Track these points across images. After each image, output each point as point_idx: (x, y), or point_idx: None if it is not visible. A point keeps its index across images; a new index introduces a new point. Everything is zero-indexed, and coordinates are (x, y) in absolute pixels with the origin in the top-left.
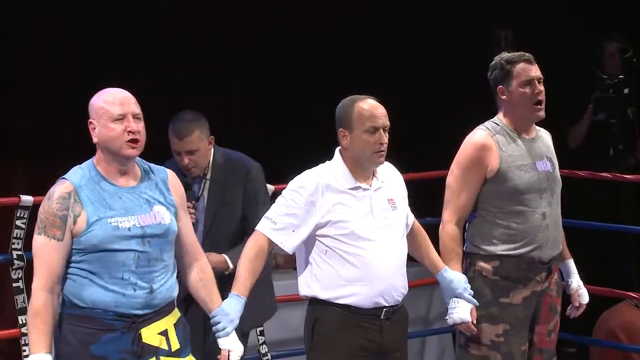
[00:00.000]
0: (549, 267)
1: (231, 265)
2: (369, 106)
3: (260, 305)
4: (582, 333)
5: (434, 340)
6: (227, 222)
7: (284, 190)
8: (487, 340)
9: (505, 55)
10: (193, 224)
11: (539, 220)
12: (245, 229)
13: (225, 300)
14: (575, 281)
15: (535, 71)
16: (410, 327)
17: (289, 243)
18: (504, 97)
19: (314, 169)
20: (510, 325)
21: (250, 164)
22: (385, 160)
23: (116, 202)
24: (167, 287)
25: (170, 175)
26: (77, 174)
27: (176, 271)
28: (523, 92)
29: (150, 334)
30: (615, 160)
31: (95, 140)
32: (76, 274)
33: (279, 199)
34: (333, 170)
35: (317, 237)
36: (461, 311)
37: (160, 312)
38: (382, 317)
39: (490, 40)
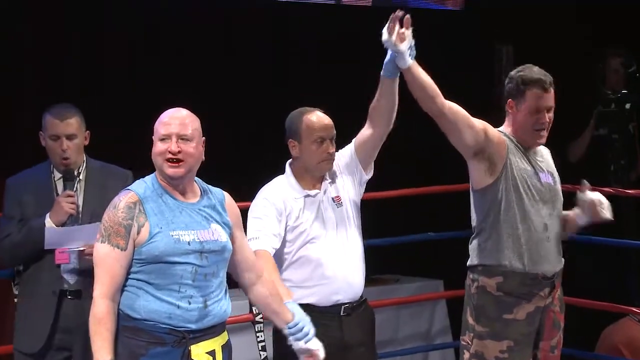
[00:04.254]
0: (552, 282)
1: None
2: (317, 118)
3: None
4: (584, 348)
5: (436, 355)
6: None
7: (250, 211)
8: (491, 357)
9: (525, 71)
10: (72, 217)
11: (540, 231)
12: None
13: (292, 307)
14: (592, 194)
15: (547, 101)
16: (412, 342)
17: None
18: (511, 110)
19: (269, 183)
20: (514, 341)
21: (127, 171)
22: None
23: (177, 216)
24: (220, 305)
25: (227, 197)
26: (141, 186)
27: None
28: (529, 118)
29: (199, 352)
30: (617, 175)
31: (152, 158)
32: (132, 285)
33: (252, 220)
34: (285, 182)
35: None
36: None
37: (211, 331)
38: (341, 313)
39: (493, 55)
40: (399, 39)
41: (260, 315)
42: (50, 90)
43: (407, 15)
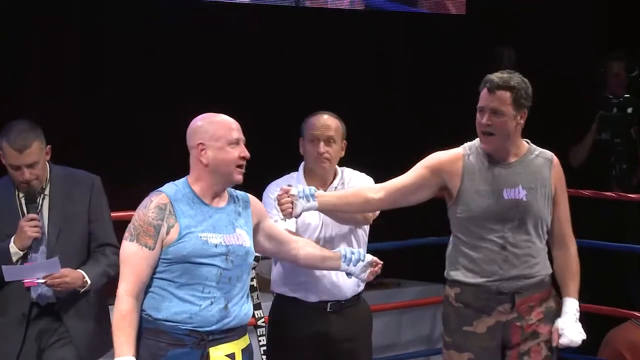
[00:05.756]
0: (512, 297)
1: (89, 282)
2: (318, 118)
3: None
4: (587, 352)
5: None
6: (73, 238)
7: (263, 201)
8: None
9: (494, 73)
10: (37, 240)
11: (496, 250)
12: (90, 246)
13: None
14: (561, 321)
15: (490, 101)
16: (414, 346)
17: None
18: None
19: (279, 178)
20: (474, 354)
21: (93, 176)
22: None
23: (207, 219)
24: (241, 308)
25: (251, 197)
26: (172, 189)
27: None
28: (477, 117)
29: (218, 355)
30: (619, 180)
31: (205, 162)
32: (157, 286)
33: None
34: (294, 177)
35: None
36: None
37: (231, 333)
38: (328, 310)
39: (494, 58)
40: (289, 213)
41: (263, 320)
42: (51, 90)
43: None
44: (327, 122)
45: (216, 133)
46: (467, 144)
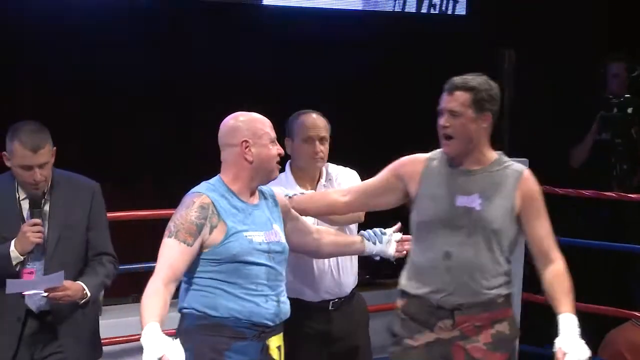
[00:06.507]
0: (452, 314)
1: (89, 294)
2: (309, 118)
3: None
4: None
5: None
6: (72, 245)
7: None
8: None
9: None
10: (38, 245)
11: (438, 259)
12: (87, 254)
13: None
14: (561, 341)
15: (446, 102)
16: None
17: None
18: None
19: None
20: None
21: (94, 183)
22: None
23: (247, 218)
24: (286, 302)
25: (276, 192)
26: (210, 188)
27: None
28: (438, 121)
29: (273, 347)
30: (619, 180)
31: (250, 159)
32: (208, 284)
33: None
34: (282, 178)
35: None
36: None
37: (279, 327)
38: (330, 308)
39: (496, 59)
40: None
41: None
42: (49, 91)
43: None
44: (318, 121)
45: (258, 131)
46: (436, 150)
